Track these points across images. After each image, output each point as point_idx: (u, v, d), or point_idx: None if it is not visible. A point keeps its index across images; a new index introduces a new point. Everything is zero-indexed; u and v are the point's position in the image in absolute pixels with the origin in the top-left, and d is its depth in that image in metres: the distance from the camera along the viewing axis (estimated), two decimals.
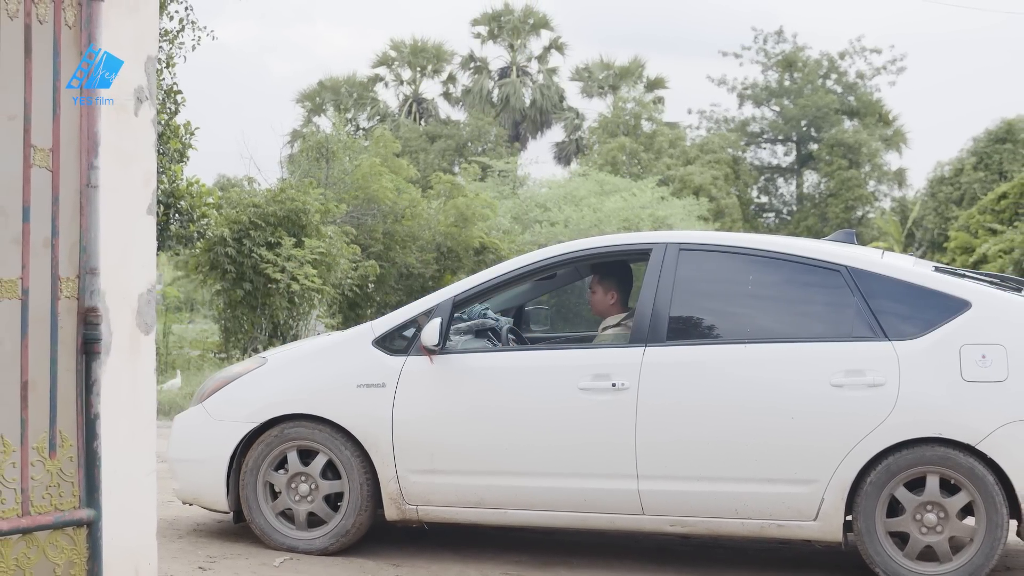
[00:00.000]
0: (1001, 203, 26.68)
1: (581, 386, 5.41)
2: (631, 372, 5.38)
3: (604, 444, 5.38)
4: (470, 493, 5.55)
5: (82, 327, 3.53)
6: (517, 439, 5.51)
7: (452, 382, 5.61)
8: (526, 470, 5.49)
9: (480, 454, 5.55)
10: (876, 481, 5.16)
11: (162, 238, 15.58)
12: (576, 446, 5.43)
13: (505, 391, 5.60)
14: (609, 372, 5.41)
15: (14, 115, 3.45)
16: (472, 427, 5.57)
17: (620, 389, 5.35)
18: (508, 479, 5.51)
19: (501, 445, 5.53)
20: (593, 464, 5.41)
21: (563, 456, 5.44)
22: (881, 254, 5.76)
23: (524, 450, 5.50)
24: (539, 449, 5.48)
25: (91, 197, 3.52)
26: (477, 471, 5.54)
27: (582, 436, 5.42)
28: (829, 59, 45.48)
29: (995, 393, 5.08)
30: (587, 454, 5.41)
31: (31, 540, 3.43)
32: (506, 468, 5.51)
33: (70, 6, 3.53)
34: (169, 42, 14.38)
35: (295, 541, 5.71)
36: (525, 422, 5.52)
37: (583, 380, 5.42)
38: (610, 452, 5.37)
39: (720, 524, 5.39)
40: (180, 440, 6.03)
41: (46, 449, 3.47)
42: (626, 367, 5.39)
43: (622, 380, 5.36)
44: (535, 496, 5.49)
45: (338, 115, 30.28)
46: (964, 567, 5.13)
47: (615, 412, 5.36)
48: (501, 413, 5.57)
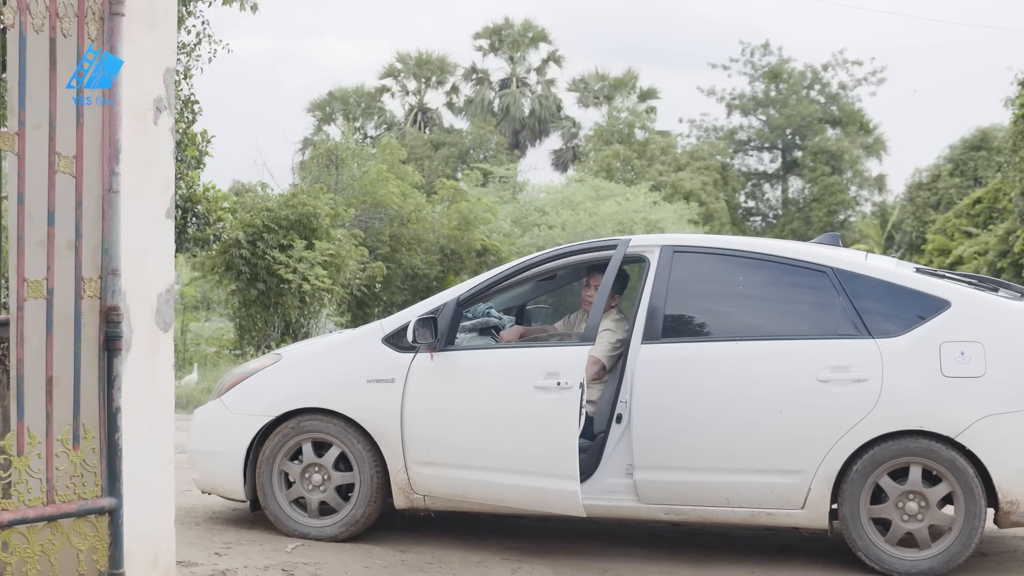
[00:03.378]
0: (976, 207, 26.70)
1: (536, 384, 5.21)
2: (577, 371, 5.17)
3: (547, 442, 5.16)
4: (456, 485, 5.50)
5: (104, 325, 3.52)
6: (483, 436, 5.40)
7: (442, 378, 5.53)
8: (495, 466, 5.36)
9: (457, 449, 5.48)
10: (861, 470, 5.15)
11: (180, 241, 15.57)
12: (527, 444, 5.25)
13: (471, 389, 5.49)
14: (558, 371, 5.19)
15: (39, 124, 3.44)
16: (451, 422, 5.50)
17: (564, 388, 5.13)
18: (478, 474, 5.40)
19: (471, 441, 5.43)
20: (537, 463, 5.20)
21: (516, 454, 5.28)
22: (865, 256, 5.75)
23: (489, 447, 5.37)
24: (499, 447, 5.34)
25: (113, 202, 3.52)
26: (458, 464, 5.48)
27: (531, 434, 5.24)
28: (813, 71, 45.50)
29: (973, 388, 5.07)
30: (532, 452, 5.22)
31: (56, 527, 3.42)
32: (475, 463, 5.41)
33: (93, 21, 3.52)
34: (187, 55, 14.35)
35: (307, 528, 5.70)
36: (488, 419, 5.40)
37: (537, 379, 5.21)
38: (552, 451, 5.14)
39: (712, 512, 5.38)
40: (200, 432, 6.02)
41: (70, 441, 3.47)
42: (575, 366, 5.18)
43: (566, 379, 5.14)
44: (504, 493, 5.36)
45: (347, 124, 30.29)
46: (943, 554, 5.12)
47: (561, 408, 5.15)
48: (468, 410, 5.46)
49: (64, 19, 3.47)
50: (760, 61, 45.81)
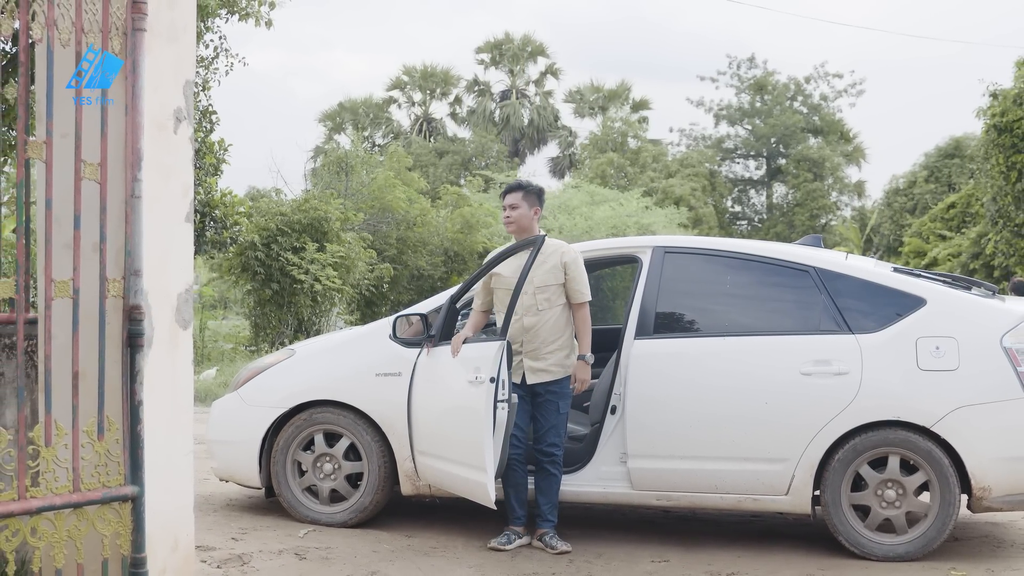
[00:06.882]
0: (950, 212, 26.69)
1: (468, 380, 5.08)
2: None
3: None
4: (431, 473, 5.46)
5: (127, 323, 3.51)
6: (442, 427, 5.33)
7: (429, 372, 5.50)
8: (450, 457, 5.25)
9: (428, 438, 5.44)
10: (843, 459, 5.14)
11: (198, 243, 15.55)
12: (461, 434, 5.13)
13: (436, 382, 5.43)
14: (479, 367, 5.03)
15: (66, 133, 3.44)
16: (425, 413, 5.46)
17: (480, 383, 4.98)
18: (444, 464, 5.31)
19: (438, 430, 5.36)
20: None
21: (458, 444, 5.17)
22: (845, 257, 5.74)
23: (451, 438, 5.25)
24: (452, 438, 5.25)
25: (135, 206, 3.51)
26: (429, 453, 5.44)
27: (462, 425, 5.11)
28: (796, 83, 45.43)
29: (948, 380, 5.06)
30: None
31: (81, 514, 3.42)
32: (440, 453, 5.33)
33: (116, 36, 3.51)
34: (205, 68, 14.33)
35: (318, 515, 5.69)
36: (448, 412, 5.31)
37: (470, 375, 5.07)
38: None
39: (701, 498, 5.37)
40: (218, 424, 6.01)
41: (95, 432, 3.47)
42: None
43: (482, 375, 4.99)
44: (457, 484, 5.26)
45: (356, 133, 30.26)
46: (919, 539, 5.12)
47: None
48: (434, 400, 5.42)
49: (89, 34, 3.47)
50: (746, 74, 45.75)
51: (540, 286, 5.34)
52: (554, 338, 5.37)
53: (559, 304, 5.38)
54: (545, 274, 5.36)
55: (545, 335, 5.35)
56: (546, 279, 5.35)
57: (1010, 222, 19.81)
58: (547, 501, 5.38)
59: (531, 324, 5.34)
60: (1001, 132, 19.29)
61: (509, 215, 5.54)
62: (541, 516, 5.40)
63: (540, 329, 5.34)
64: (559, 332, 5.38)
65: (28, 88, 3.74)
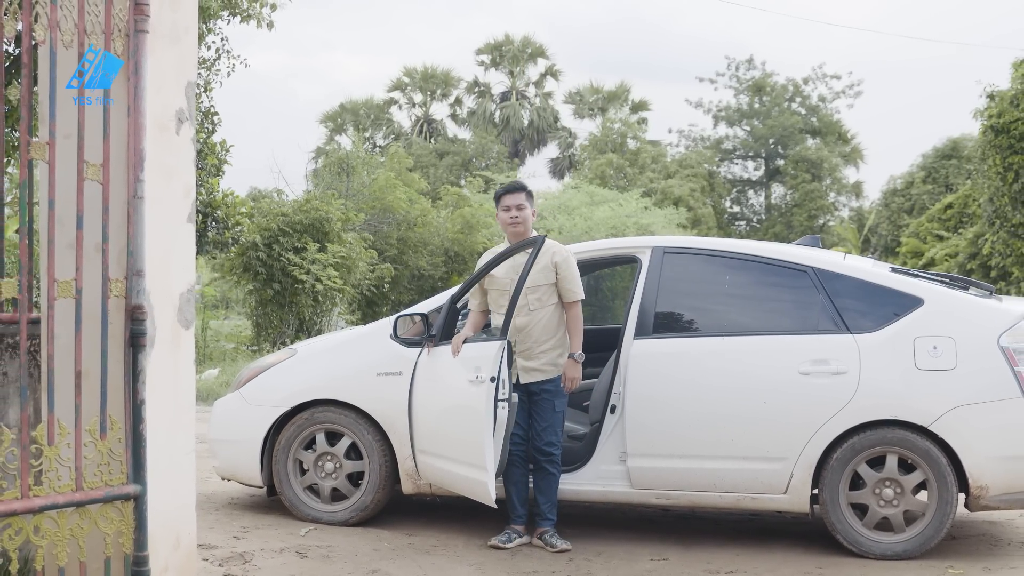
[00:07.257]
0: (947, 212, 26.68)
1: (468, 379, 5.06)
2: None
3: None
4: (432, 471, 5.46)
5: (129, 323, 3.51)
6: (442, 426, 5.33)
7: (430, 371, 5.50)
8: (450, 456, 5.24)
9: (429, 437, 5.43)
10: (841, 458, 5.14)
11: (200, 243, 15.55)
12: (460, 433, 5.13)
13: (437, 381, 5.41)
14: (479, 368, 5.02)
15: (69, 134, 3.44)
16: (426, 412, 5.45)
17: (481, 382, 4.99)
18: (445, 463, 5.31)
19: (438, 429, 5.36)
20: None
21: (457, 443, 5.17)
22: (844, 257, 5.73)
23: (451, 436, 5.25)
24: (452, 436, 5.24)
25: (137, 207, 3.51)
26: (430, 452, 5.44)
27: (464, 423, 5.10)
28: (794, 84, 45.42)
29: (945, 380, 5.06)
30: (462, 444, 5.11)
31: (84, 512, 3.42)
32: (441, 452, 5.33)
33: (119, 37, 3.51)
34: (207, 69, 14.32)
35: (319, 513, 5.69)
36: (448, 411, 5.31)
37: (471, 374, 5.06)
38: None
39: (700, 497, 5.37)
40: (220, 423, 6.01)
41: (97, 431, 3.46)
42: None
43: (483, 374, 4.99)
44: (457, 483, 5.26)
45: (357, 134, 30.23)
46: (916, 537, 5.12)
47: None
48: (435, 400, 5.41)
49: (92, 36, 3.47)
50: (745, 75, 45.74)
51: (531, 286, 5.33)
52: (547, 337, 5.36)
53: (551, 304, 5.38)
54: (536, 274, 5.35)
55: (537, 335, 5.34)
56: (537, 279, 5.34)
57: (1007, 223, 19.79)
58: (546, 500, 5.38)
59: (523, 324, 5.34)
60: (998, 133, 19.27)
61: (516, 216, 5.49)
62: (541, 515, 5.40)
63: (532, 329, 5.34)
64: (551, 332, 5.38)
65: (31, 89, 3.74)
